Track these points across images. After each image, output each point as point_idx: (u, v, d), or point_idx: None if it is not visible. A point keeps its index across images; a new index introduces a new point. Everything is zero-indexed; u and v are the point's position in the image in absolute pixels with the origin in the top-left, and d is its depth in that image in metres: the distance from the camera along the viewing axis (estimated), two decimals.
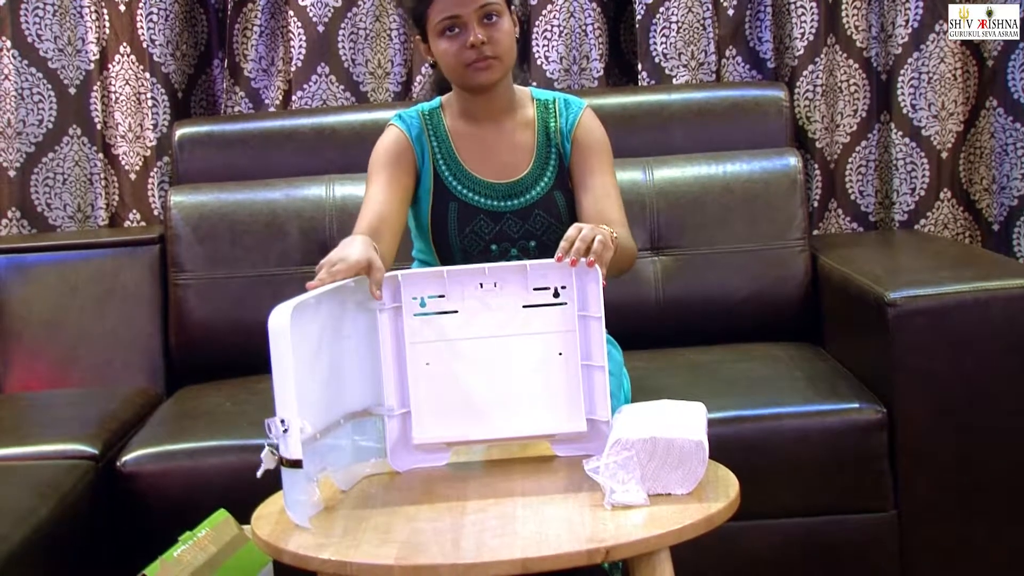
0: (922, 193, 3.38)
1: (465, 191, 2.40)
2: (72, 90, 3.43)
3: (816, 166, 3.38)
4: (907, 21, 3.31)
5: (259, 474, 1.83)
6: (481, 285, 2.03)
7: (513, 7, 2.39)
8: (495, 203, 2.40)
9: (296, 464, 1.78)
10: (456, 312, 2.03)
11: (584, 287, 2.01)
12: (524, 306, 2.02)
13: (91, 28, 3.40)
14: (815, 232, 3.36)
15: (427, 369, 2.03)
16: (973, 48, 3.36)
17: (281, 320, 1.78)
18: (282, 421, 1.77)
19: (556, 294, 2.02)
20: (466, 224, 2.39)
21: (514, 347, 2.02)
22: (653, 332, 2.98)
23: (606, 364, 2.01)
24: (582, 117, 2.44)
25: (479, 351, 2.03)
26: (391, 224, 2.32)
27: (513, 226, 2.39)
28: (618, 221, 2.35)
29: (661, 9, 3.34)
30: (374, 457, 2.04)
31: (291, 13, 3.38)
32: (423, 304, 2.03)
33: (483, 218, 2.39)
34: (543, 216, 2.40)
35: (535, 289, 2.02)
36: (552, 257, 2.02)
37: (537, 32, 3.36)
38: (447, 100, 2.47)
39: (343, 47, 3.41)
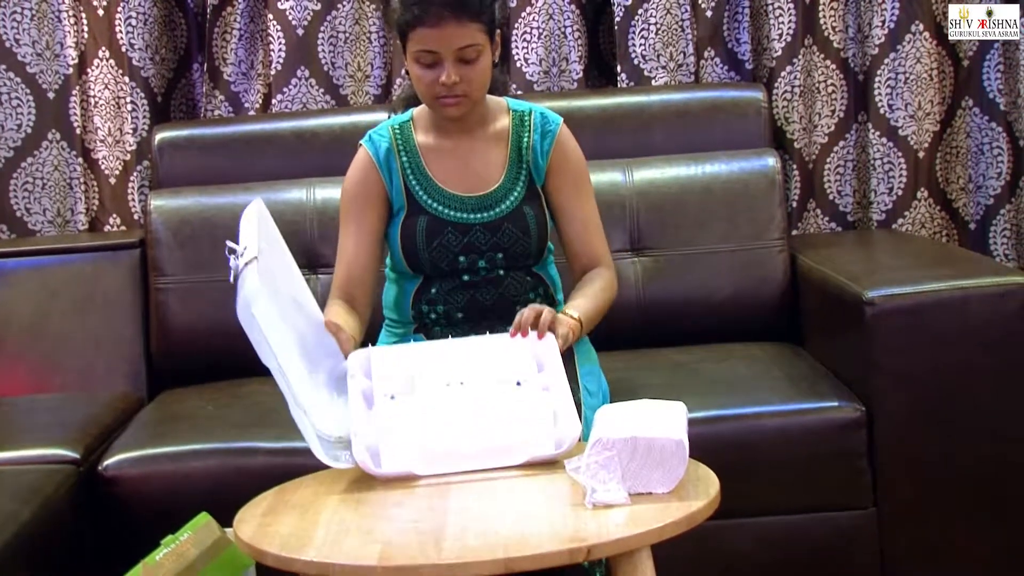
0: (899, 193, 3.40)
1: (435, 204, 2.40)
2: (51, 95, 3.43)
3: (795, 166, 3.39)
4: (883, 22, 3.33)
5: (231, 278, 1.93)
6: (448, 384, 2.09)
7: (497, 33, 2.36)
8: (464, 215, 2.40)
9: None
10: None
11: (541, 357, 2.09)
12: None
13: (69, 32, 3.40)
14: (794, 232, 3.38)
15: (393, 407, 2.06)
16: (949, 48, 3.38)
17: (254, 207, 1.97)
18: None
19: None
20: (434, 237, 2.39)
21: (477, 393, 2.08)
22: (633, 333, 2.98)
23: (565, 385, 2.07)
24: (559, 138, 2.44)
25: (444, 398, 2.09)
26: (364, 281, 2.40)
27: (481, 238, 2.39)
28: (602, 255, 2.46)
29: (640, 11, 3.35)
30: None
31: (270, 16, 3.38)
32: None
33: (451, 231, 2.39)
34: (512, 230, 2.40)
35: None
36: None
37: (516, 34, 3.37)
38: (419, 113, 2.47)
39: (323, 50, 3.42)
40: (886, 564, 2.56)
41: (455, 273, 2.41)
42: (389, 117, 2.56)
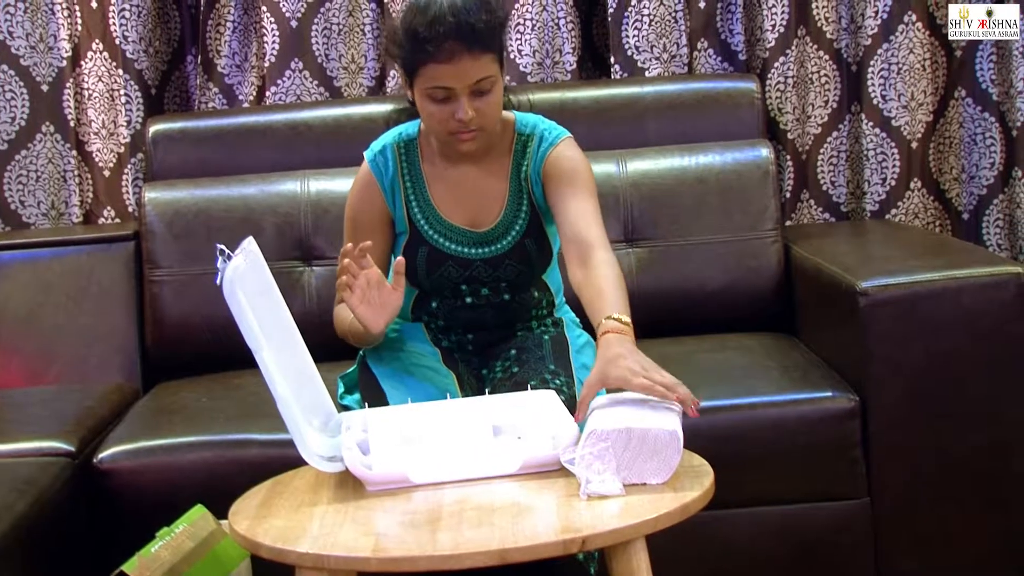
0: (893, 183, 3.40)
1: (436, 236, 2.36)
2: (45, 87, 3.43)
3: (788, 157, 3.40)
4: (876, 12, 3.33)
5: (217, 280, 1.89)
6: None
7: (505, 56, 2.28)
8: (465, 249, 2.35)
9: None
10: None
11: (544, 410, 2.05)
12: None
13: (63, 25, 3.40)
14: (787, 223, 3.38)
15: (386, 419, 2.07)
16: (942, 39, 3.39)
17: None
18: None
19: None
20: (434, 269, 2.36)
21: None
22: None
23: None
24: (551, 153, 2.34)
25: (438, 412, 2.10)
26: None
27: (482, 272, 2.35)
28: (597, 241, 2.20)
29: (633, 2, 3.35)
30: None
31: (264, 9, 3.38)
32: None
33: (452, 264, 2.35)
34: (513, 265, 2.35)
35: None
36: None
37: (510, 26, 3.37)
38: (426, 131, 2.38)
39: (316, 42, 3.42)
40: (880, 553, 2.57)
41: (457, 294, 2.39)
42: (387, 125, 2.48)
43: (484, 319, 2.40)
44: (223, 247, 1.91)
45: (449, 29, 2.16)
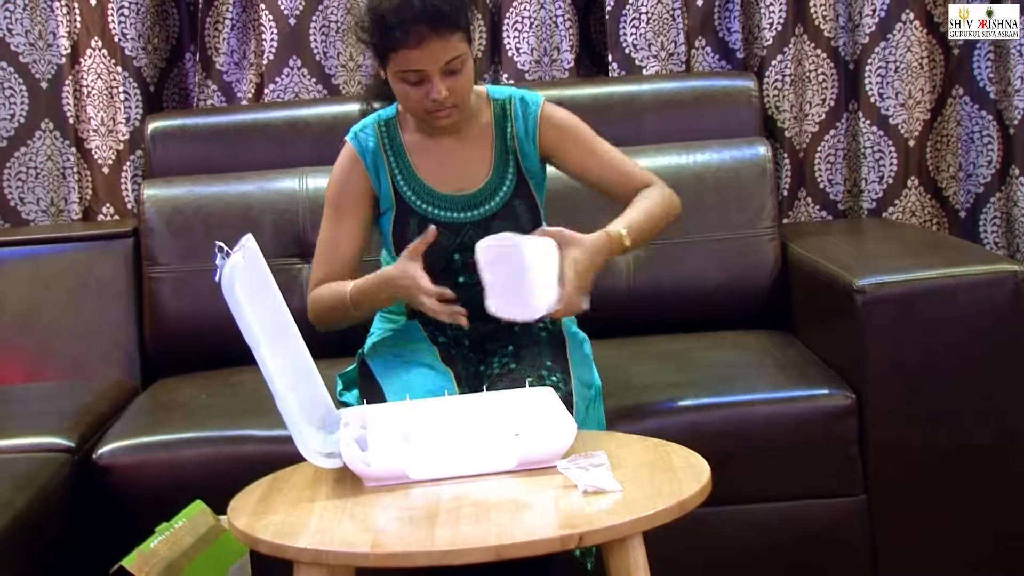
0: (890, 181, 3.41)
1: (424, 205, 2.38)
2: (44, 84, 3.43)
3: (785, 155, 3.40)
4: (874, 10, 3.34)
5: (216, 277, 1.91)
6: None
7: (473, 34, 2.32)
8: (454, 214, 2.38)
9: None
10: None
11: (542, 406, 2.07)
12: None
13: (62, 22, 3.40)
14: (785, 221, 3.39)
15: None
16: (939, 37, 3.39)
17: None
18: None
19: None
20: None
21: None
22: (625, 321, 2.99)
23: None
24: (542, 116, 2.41)
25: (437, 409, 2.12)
26: (343, 276, 2.39)
27: (474, 236, 2.34)
28: (635, 172, 2.44)
29: (631, 0, 3.35)
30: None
31: (262, 6, 3.38)
32: None
33: (442, 231, 2.35)
34: (503, 226, 2.35)
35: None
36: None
37: (508, 24, 3.37)
38: (403, 111, 2.43)
39: (314, 40, 3.42)
40: (877, 551, 2.57)
41: (451, 273, 2.39)
42: (366, 106, 2.51)
43: (478, 302, 2.40)
44: (222, 244, 1.92)
45: (416, 14, 2.20)
